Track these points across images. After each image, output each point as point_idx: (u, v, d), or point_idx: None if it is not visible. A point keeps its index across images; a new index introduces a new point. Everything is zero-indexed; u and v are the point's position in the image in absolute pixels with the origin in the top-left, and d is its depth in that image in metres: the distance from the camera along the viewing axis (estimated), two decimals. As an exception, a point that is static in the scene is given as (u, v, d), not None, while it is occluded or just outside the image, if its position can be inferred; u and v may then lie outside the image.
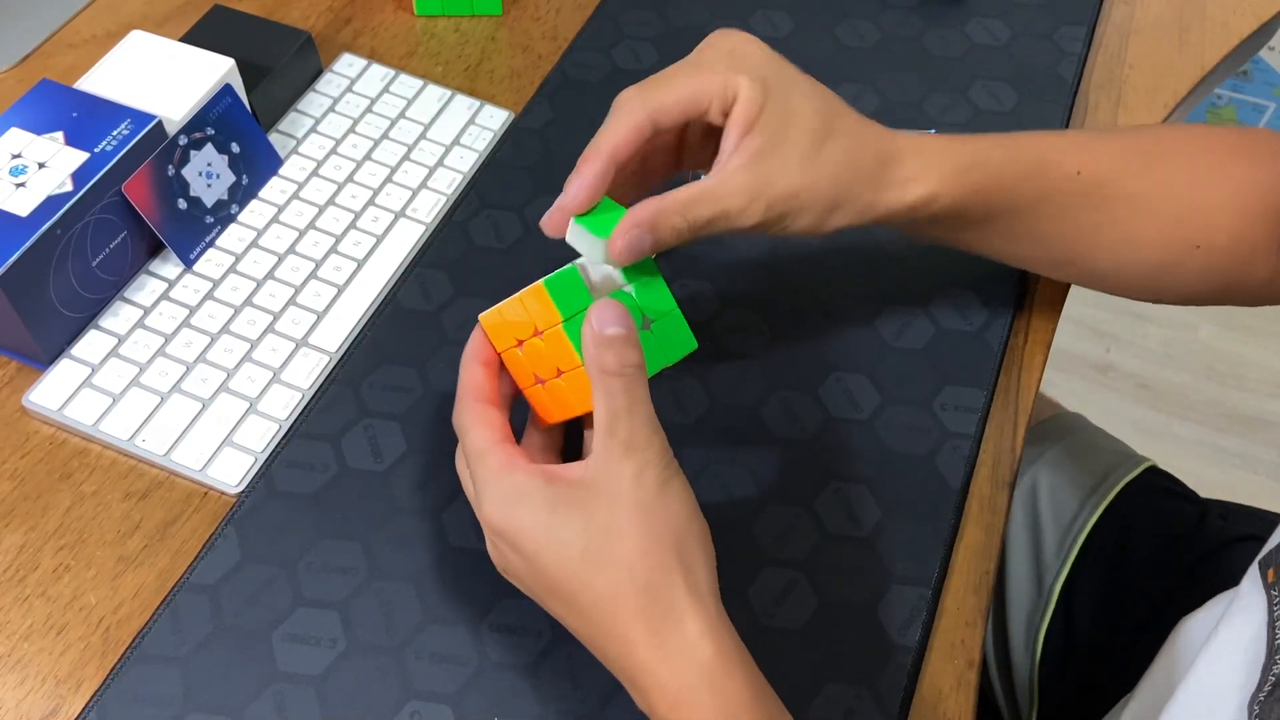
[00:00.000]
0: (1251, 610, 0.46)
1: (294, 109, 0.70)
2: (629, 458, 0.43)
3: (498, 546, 0.46)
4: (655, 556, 0.42)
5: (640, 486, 0.43)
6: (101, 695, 0.49)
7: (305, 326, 0.61)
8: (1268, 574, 0.46)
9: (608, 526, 0.42)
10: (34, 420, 0.58)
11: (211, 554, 0.53)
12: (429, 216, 0.66)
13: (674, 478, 0.44)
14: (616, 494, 0.43)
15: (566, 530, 0.43)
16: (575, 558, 0.43)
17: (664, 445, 0.44)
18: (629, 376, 0.44)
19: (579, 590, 0.43)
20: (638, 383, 0.44)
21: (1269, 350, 1.72)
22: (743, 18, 0.78)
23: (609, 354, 0.43)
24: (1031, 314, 0.64)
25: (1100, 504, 0.75)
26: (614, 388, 0.43)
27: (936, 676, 0.52)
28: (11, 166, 0.57)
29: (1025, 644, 0.74)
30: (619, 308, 0.44)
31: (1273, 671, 0.43)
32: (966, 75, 0.75)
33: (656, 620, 0.42)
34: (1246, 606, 0.47)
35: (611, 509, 0.43)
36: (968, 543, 0.56)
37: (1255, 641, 0.45)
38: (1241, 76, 1.81)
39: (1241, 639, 0.46)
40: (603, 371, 0.44)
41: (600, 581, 0.42)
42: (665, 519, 0.43)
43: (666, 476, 0.44)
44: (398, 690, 0.50)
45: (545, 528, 0.43)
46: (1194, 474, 0.84)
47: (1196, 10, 0.82)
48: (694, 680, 0.42)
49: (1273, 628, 0.44)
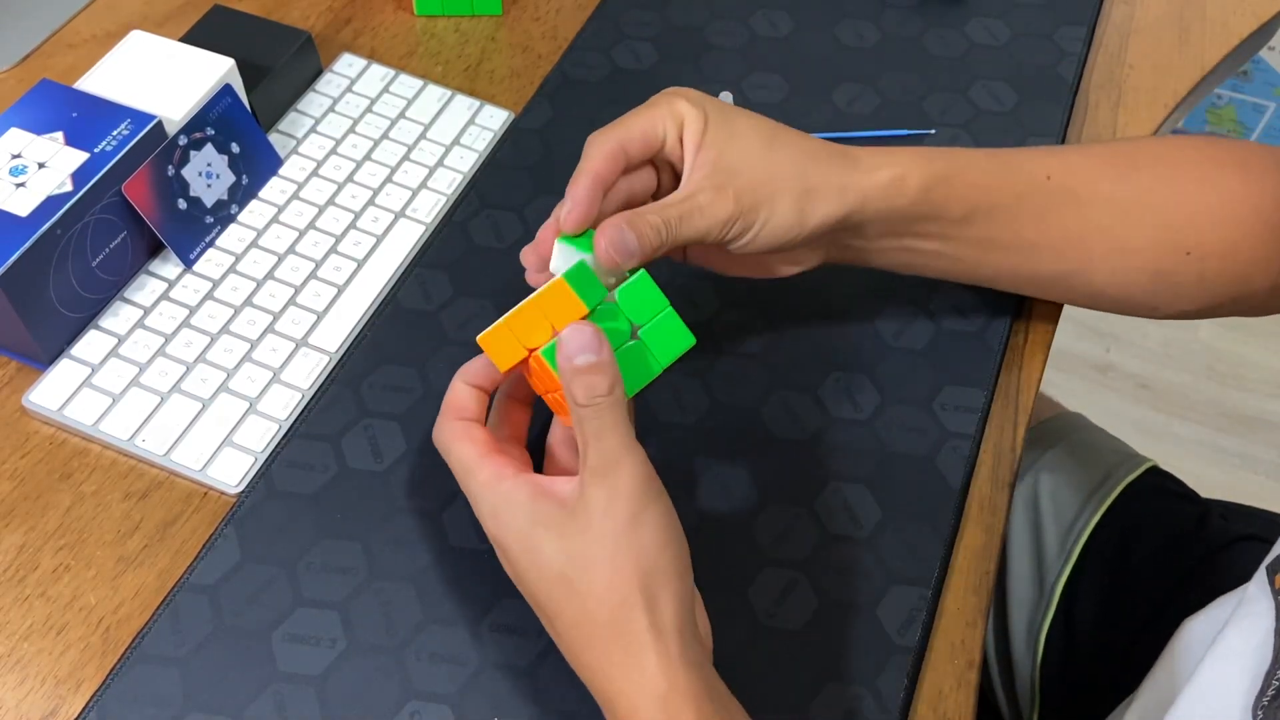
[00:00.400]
0: (1259, 616, 0.46)
1: (294, 109, 0.70)
2: (598, 485, 0.43)
3: (498, 554, 0.48)
4: (619, 591, 0.43)
5: (609, 518, 0.43)
6: (101, 695, 0.49)
7: (305, 326, 0.61)
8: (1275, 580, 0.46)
9: (579, 553, 0.44)
10: (34, 420, 0.58)
11: (211, 554, 0.53)
12: (429, 216, 0.66)
13: (650, 505, 0.44)
14: (587, 522, 0.43)
15: (545, 551, 0.44)
16: (551, 579, 0.44)
17: (636, 471, 0.44)
18: (598, 406, 0.44)
19: (554, 613, 0.45)
20: (608, 410, 0.44)
21: (1269, 350, 1.72)
22: (743, 18, 0.78)
23: (576, 384, 0.44)
24: (1031, 314, 0.64)
25: (1102, 504, 0.75)
26: (583, 416, 0.44)
27: (936, 676, 0.52)
28: (11, 166, 0.57)
29: (1027, 644, 0.74)
30: (587, 333, 0.45)
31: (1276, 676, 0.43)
32: (966, 75, 0.75)
33: (617, 653, 0.43)
34: (1253, 612, 0.47)
35: (583, 536, 0.43)
36: (968, 543, 0.56)
37: (1261, 647, 0.45)
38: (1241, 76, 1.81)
39: (1248, 644, 0.46)
40: (575, 403, 0.44)
41: (570, 609, 0.44)
42: (632, 552, 0.43)
43: (639, 506, 0.43)
44: (398, 690, 0.50)
45: (528, 542, 0.45)
46: (1194, 474, 0.84)
47: (1196, 10, 0.82)
48: (653, 714, 0.42)
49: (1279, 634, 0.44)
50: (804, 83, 0.74)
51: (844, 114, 0.72)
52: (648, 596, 0.43)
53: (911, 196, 0.54)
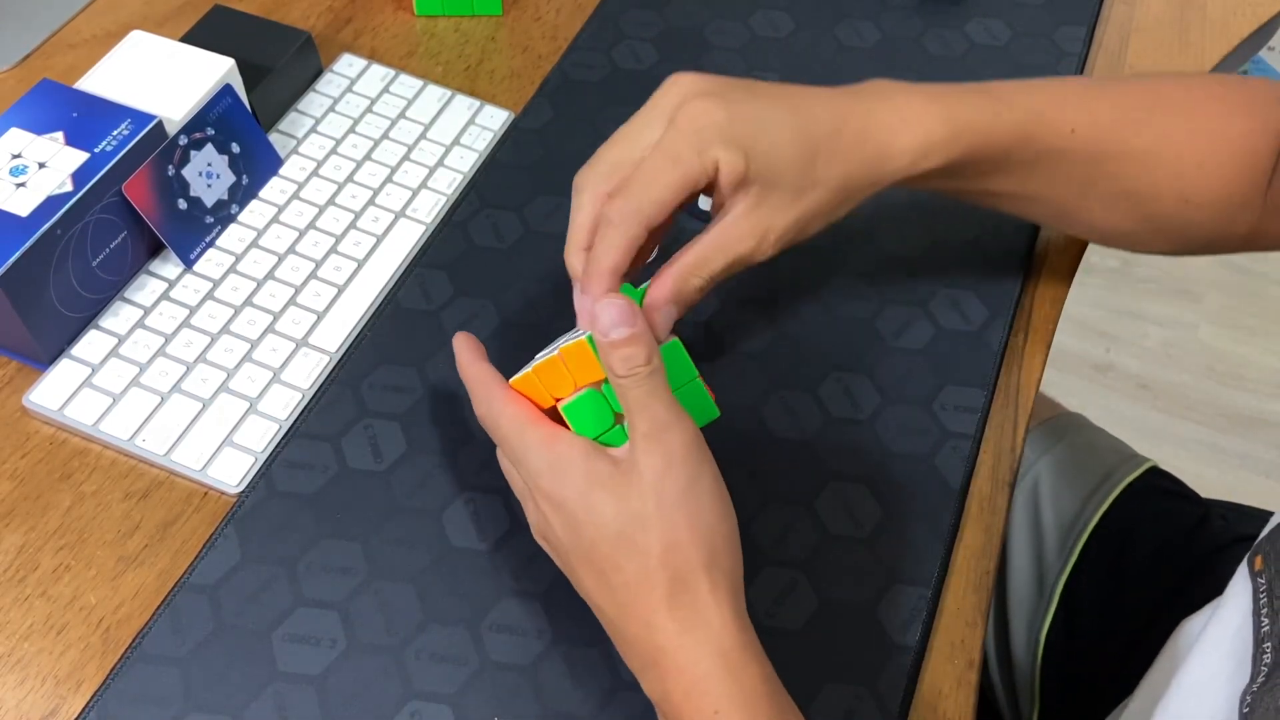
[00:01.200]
0: (1238, 598, 0.46)
1: (294, 109, 0.70)
2: (652, 451, 0.44)
3: (543, 511, 0.47)
4: (683, 552, 0.43)
5: (669, 479, 0.44)
6: (101, 695, 0.49)
7: (305, 326, 0.61)
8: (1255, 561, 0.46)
9: (640, 514, 0.43)
10: (34, 420, 0.58)
11: (211, 554, 0.53)
12: (429, 216, 0.66)
13: (704, 469, 0.45)
14: (647, 485, 0.44)
15: (603, 510, 0.44)
16: (610, 538, 0.44)
17: (687, 437, 0.45)
18: (637, 375, 0.44)
19: (610, 570, 0.44)
20: (648, 378, 0.44)
21: (1269, 350, 1.72)
22: (743, 18, 0.78)
23: (614, 357, 0.44)
24: (1031, 314, 0.64)
25: (1102, 504, 0.75)
26: (625, 387, 0.45)
27: (936, 676, 0.52)
28: (11, 166, 0.57)
29: (1027, 644, 0.74)
30: (621, 305, 0.45)
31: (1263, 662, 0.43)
32: (966, 75, 0.75)
33: (681, 610, 0.43)
34: (1234, 594, 0.47)
35: (643, 498, 0.44)
36: (968, 543, 0.56)
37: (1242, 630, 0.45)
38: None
39: (1228, 629, 0.46)
40: (613, 374, 0.45)
41: (631, 565, 0.44)
42: (692, 516, 0.44)
43: (695, 469, 0.44)
44: (398, 690, 0.50)
45: (585, 501, 0.44)
46: (1194, 474, 0.84)
47: (1196, 10, 0.82)
48: (713, 667, 0.43)
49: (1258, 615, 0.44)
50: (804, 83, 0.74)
51: (844, 114, 0.72)
52: (709, 555, 0.44)
53: (934, 165, 0.53)
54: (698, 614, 0.43)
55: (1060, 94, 0.56)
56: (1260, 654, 0.43)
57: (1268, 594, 0.44)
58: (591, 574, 0.45)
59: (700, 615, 0.43)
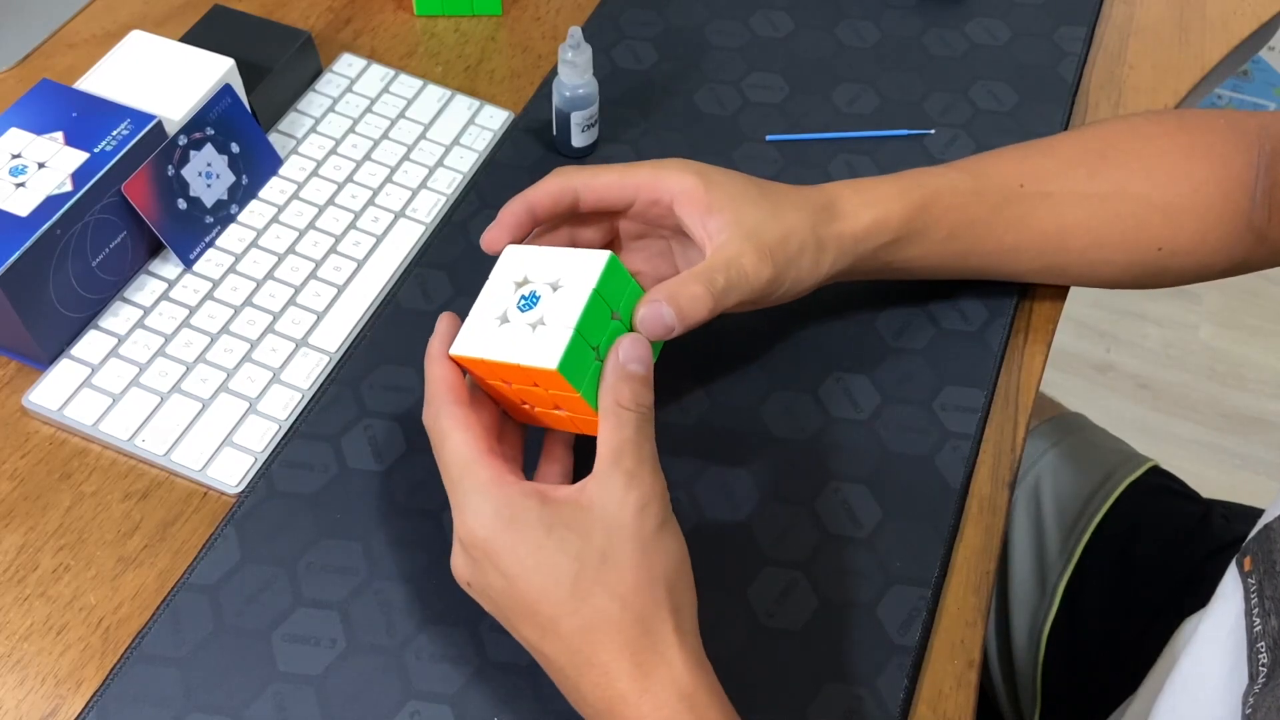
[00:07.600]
0: (1229, 599, 0.46)
1: (294, 109, 0.70)
2: (632, 489, 0.43)
3: (475, 561, 0.45)
4: (649, 593, 0.43)
5: (642, 521, 0.43)
6: (101, 695, 0.49)
7: (305, 326, 0.61)
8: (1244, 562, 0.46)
9: (604, 553, 0.43)
10: (34, 420, 0.58)
11: (211, 554, 0.53)
12: (429, 216, 0.66)
13: (670, 521, 0.45)
14: (617, 523, 0.43)
15: (561, 554, 0.43)
16: (565, 582, 0.43)
17: (665, 488, 0.45)
18: (641, 414, 0.45)
19: (563, 615, 0.43)
20: (647, 422, 0.45)
21: (1269, 350, 1.71)
22: (743, 18, 0.78)
23: (626, 388, 0.45)
24: (1031, 314, 0.64)
25: (1103, 504, 0.75)
26: (625, 419, 0.45)
27: (936, 676, 0.52)
28: (11, 166, 0.57)
29: (1029, 644, 0.74)
30: (643, 347, 0.46)
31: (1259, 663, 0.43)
32: (966, 75, 0.75)
33: (643, 653, 0.42)
34: (1225, 595, 0.47)
35: (609, 536, 0.43)
36: (968, 543, 0.56)
37: (1235, 631, 0.45)
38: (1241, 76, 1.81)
39: (1220, 629, 0.46)
40: (618, 403, 0.45)
41: (588, 609, 0.42)
42: (662, 559, 0.44)
43: (665, 518, 0.45)
44: (398, 690, 0.50)
45: (538, 549, 0.43)
46: (1194, 474, 0.84)
47: (1196, 10, 0.82)
48: (676, 711, 0.42)
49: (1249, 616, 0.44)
50: (804, 83, 0.74)
51: (844, 114, 0.72)
52: (674, 602, 0.44)
53: (894, 232, 0.55)
54: (660, 656, 0.43)
55: (1003, 156, 0.59)
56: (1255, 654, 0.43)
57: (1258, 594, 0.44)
58: (535, 625, 0.44)
59: (664, 658, 0.43)
